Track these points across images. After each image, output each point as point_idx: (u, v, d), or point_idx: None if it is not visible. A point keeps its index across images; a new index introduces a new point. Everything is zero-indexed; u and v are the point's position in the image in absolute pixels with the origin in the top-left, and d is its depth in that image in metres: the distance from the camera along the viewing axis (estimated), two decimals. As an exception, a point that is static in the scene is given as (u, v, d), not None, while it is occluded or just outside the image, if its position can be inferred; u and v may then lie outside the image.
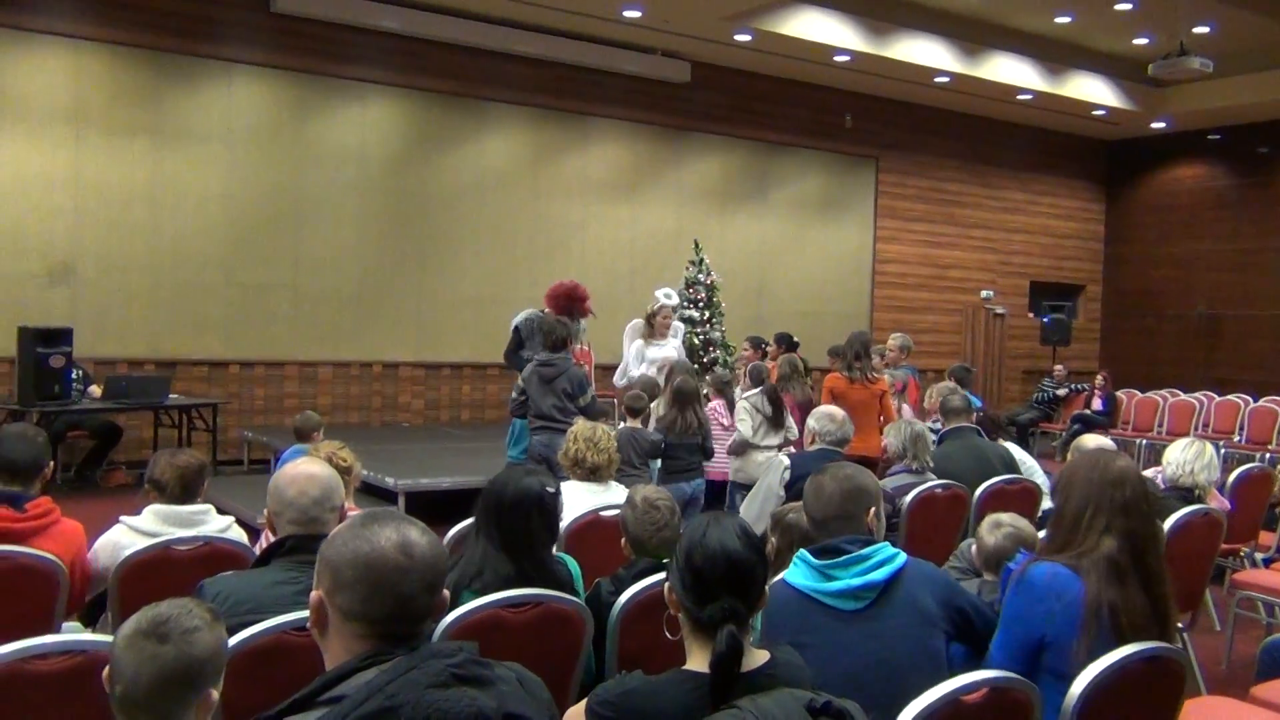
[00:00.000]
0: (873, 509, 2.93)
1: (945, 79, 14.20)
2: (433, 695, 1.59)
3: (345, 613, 1.72)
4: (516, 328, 7.92)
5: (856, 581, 2.71)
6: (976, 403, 9.37)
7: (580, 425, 4.88)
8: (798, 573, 2.80)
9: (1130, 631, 2.66)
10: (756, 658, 2.11)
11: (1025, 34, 14.24)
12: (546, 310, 7.83)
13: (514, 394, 7.06)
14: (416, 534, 1.75)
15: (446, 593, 1.82)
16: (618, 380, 8.59)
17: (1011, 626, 2.78)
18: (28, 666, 2.36)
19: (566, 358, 7.01)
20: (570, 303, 7.72)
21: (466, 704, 1.61)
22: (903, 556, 2.79)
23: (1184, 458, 4.94)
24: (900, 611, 2.72)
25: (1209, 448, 5.05)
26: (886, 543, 2.84)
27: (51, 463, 3.81)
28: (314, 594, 1.77)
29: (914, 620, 2.73)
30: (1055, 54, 14.67)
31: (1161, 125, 16.86)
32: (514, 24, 12.17)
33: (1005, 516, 3.69)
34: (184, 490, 3.71)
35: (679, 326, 9.26)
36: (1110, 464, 2.87)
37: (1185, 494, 4.88)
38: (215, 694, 1.96)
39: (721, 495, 7.29)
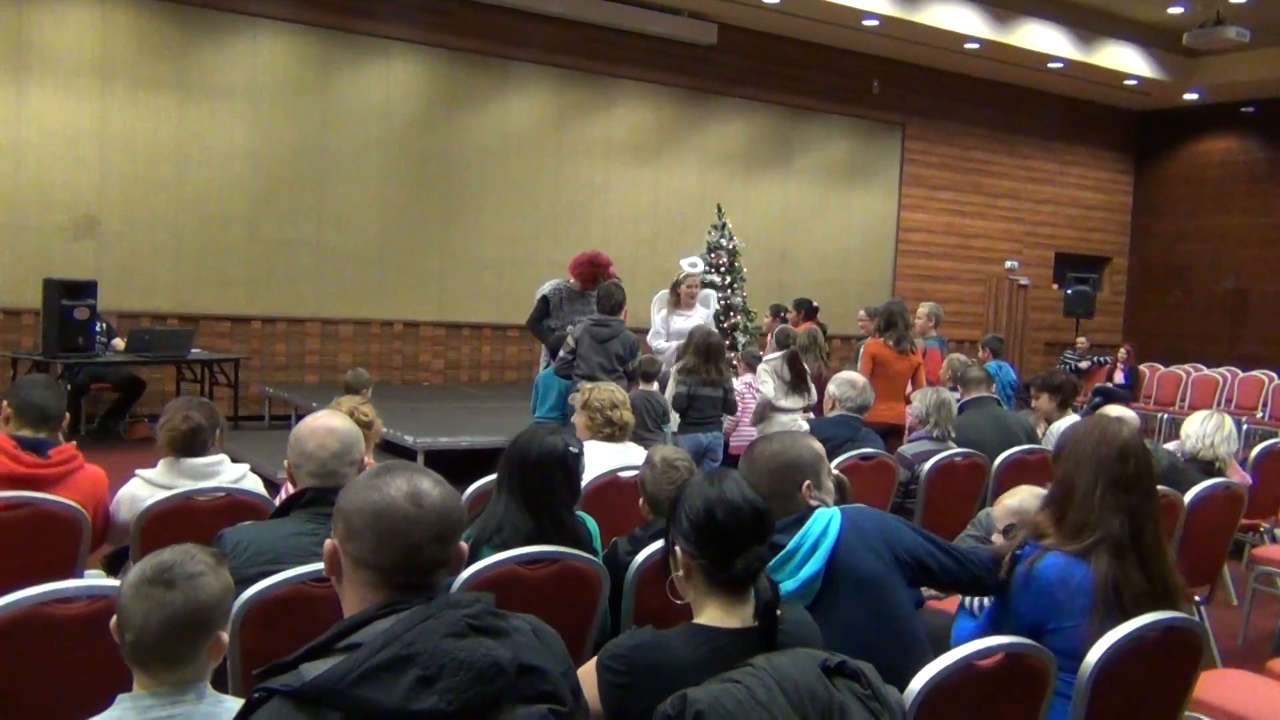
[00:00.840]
0: (806, 483, 2.76)
1: (975, 46, 14.02)
2: (449, 644, 1.60)
3: (356, 560, 1.73)
4: (544, 297, 7.78)
5: (794, 584, 2.56)
6: (1011, 374, 9.32)
7: (598, 387, 4.86)
8: None
9: (1133, 608, 2.64)
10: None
11: (1058, 1, 14.03)
12: (571, 280, 7.79)
13: (562, 352, 6.97)
14: (429, 484, 1.75)
15: (464, 545, 1.82)
16: (651, 342, 8.54)
17: (1013, 615, 2.74)
18: (50, 610, 2.40)
19: (622, 321, 6.99)
20: (594, 269, 7.69)
21: (482, 654, 1.61)
22: (835, 523, 2.63)
23: (1204, 430, 4.95)
24: (850, 589, 2.59)
25: (1228, 420, 5.06)
26: (818, 510, 2.68)
27: (68, 414, 3.84)
28: (328, 542, 1.78)
29: (866, 592, 2.61)
30: (1088, 22, 14.46)
31: (1194, 96, 16.60)
32: (540, -17, 12.08)
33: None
34: (179, 452, 3.70)
35: (709, 294, 9.15)
36: (1115, 435, 2.82)
37: (1205, 466, 4.89)
38: (225, 636, 1.99)
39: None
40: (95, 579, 3.25)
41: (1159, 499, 2.89)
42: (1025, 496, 3.34)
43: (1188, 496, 4.48)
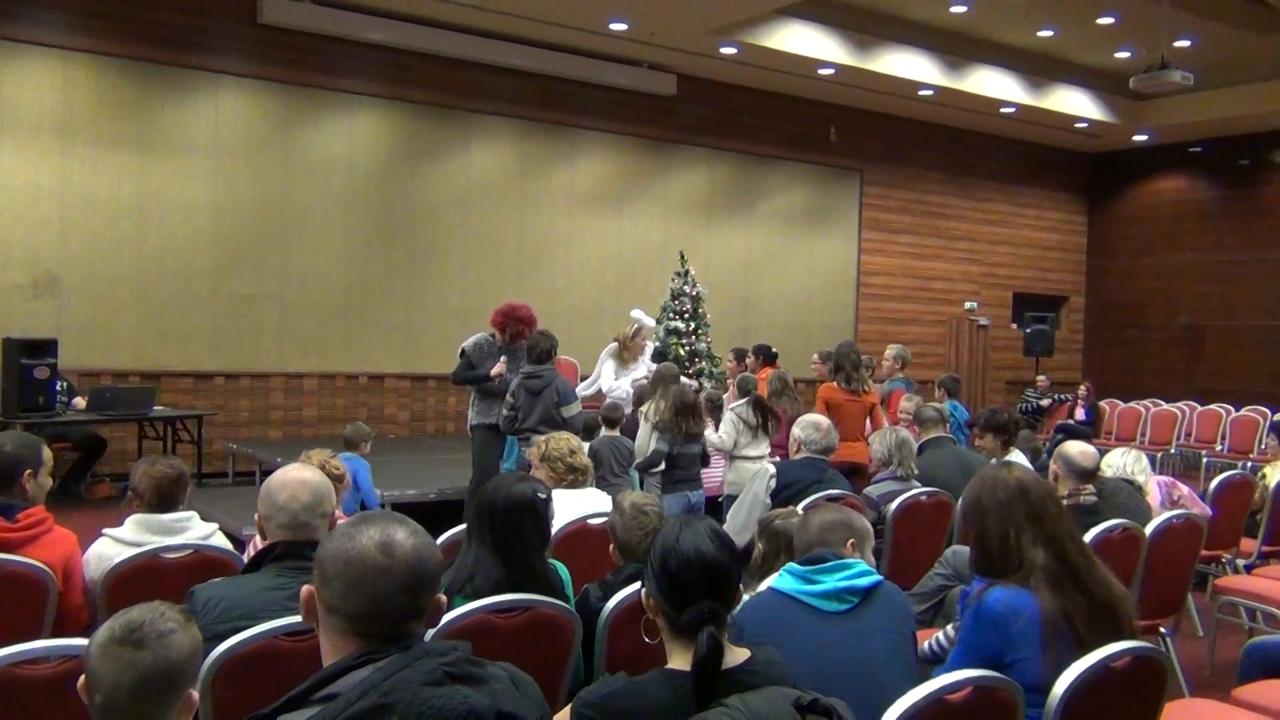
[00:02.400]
0: (850, 540, 3.01)
1: (929, 92, 14.31)
2: (427, 693, 1.60)
3: (327, 607, 1.75)
4: (463, 350, 7.69)
5: (841, 584, 2.79)
6: (965, 414, 9.42)
7: (552, 437, 4.88)
8: (784, 580, 2.89)
9: (1087, 634, 2.70)
10: (737, 655, 2.14)
11: (1008, 48, 14.37)
12: (495, 334, 7.69)
13: (505, 410, 6.97)
14: (403, 535, 1.75)
15: (443, 597, 1.82)
16: (583, 393, 8.53)
17: (972, 651, 2.81)
18: (20, 671, 2.38)
19: (552, 368, 7.01)
20: (506, 321, 7.57)
21: (459, 701, 1.62)
22: (879, 577, 2.89)
23: (1123, 461, 5.32)
24: (880, 618, 2.80)
25: (1142, 455, 5.48)
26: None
27: (30, 470, 3.75)
28: (305, 588, 1.81)
29: (892, 626, 2.81)
30: (1038, 67, 14.81)
31: (1143, 138, 17.01)
32: (501, 36, 12.22)
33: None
34: (161, 500, 3.68)
35: (646, 344, 9.25)
36: (1007, 479, 2.96)
37: (1128, 481, 5.18)
38: (195, 694, 1.98)
39: (714, 510, 7.26)
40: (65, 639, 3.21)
41: (1070, 522, 2.97)
42: None
43: (1149, 529, 4.56)
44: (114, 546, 3.60)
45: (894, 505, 5.05)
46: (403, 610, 1.72)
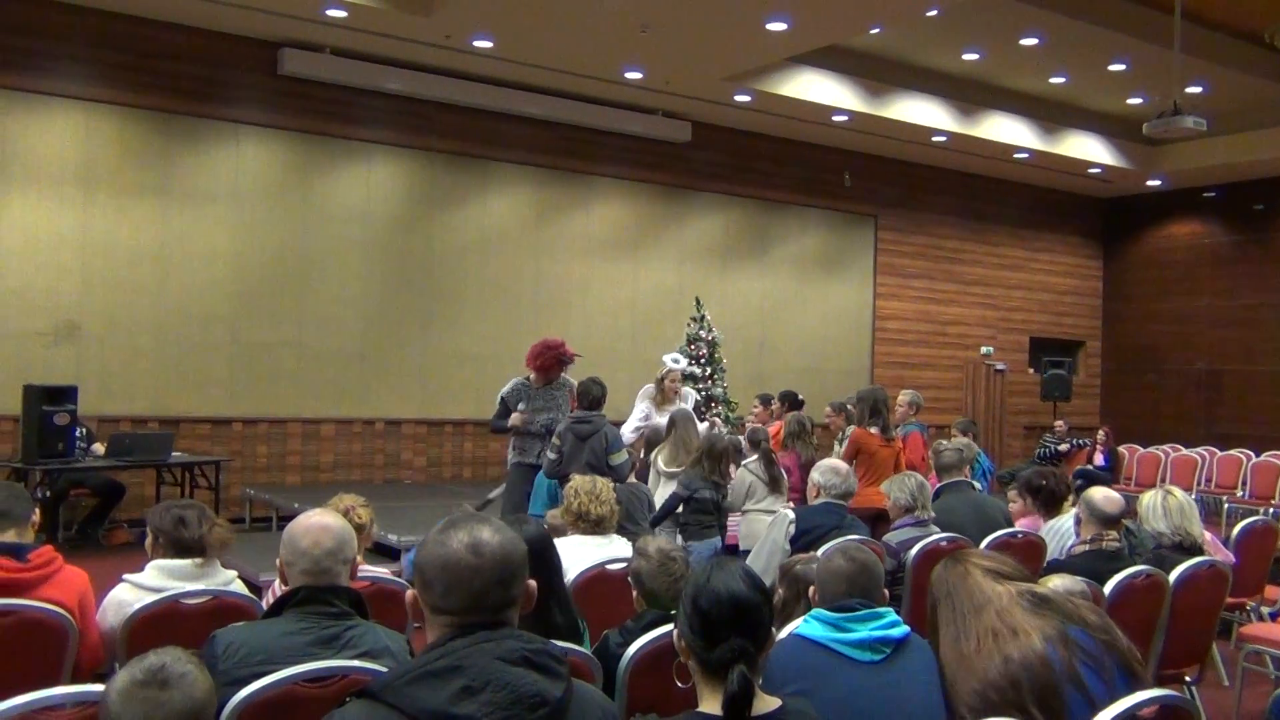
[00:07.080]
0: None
1: (943, 138, 14.39)
2: (499, 667, 1.79)
3: (432, 608, 1.92)
4: (503, 398, 7.73)
5: (874, 634, 2.78)
6: (987, 462, 9.34)
7: (578, 479, 4.87)
8: (812, 627, 2.86)
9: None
10: (768, 703, 2.12)
11: (1021, 94, 14.45)
12: (532, 376, 7.72)
13: (550, 454, 6.91)
14: (488, 534, 1.93)
15: (532, 582, 2.00)
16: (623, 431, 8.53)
17: None
18: (38, 718, 2.37)
19: (602, 415, 6.99)
20: (543, 351, 7.61)
21: (529, 683, 1.79)
22: (909, 628, 2.88)
23: (1174, 522, 4.85)
24: (913, 669, 2.78)
25: (1179, 495, 4.95)
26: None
27: (37, 511, 3.80)
28: (409, 593, 1.99)
29: (925, 677, 2.78)
30: (1051, 114, 14.89)
31: (1157, 183, 17.04)
32: (517, 86, 12.36)
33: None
34: (219, 551, 3.70)
35: (689, 393, 9.20)
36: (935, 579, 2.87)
37: (1189, 550, 4.83)
38: None
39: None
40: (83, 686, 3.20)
41: (951, 615, 2.77)
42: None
43: (1172, 576, 4.50)
44: (134, 592, 3.59)
45: (913, 551, 5.01)
46: (499, 600, 1.90)
